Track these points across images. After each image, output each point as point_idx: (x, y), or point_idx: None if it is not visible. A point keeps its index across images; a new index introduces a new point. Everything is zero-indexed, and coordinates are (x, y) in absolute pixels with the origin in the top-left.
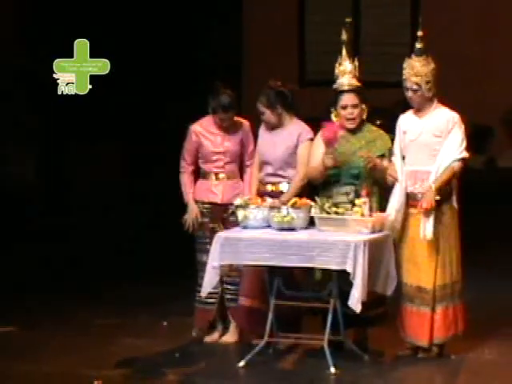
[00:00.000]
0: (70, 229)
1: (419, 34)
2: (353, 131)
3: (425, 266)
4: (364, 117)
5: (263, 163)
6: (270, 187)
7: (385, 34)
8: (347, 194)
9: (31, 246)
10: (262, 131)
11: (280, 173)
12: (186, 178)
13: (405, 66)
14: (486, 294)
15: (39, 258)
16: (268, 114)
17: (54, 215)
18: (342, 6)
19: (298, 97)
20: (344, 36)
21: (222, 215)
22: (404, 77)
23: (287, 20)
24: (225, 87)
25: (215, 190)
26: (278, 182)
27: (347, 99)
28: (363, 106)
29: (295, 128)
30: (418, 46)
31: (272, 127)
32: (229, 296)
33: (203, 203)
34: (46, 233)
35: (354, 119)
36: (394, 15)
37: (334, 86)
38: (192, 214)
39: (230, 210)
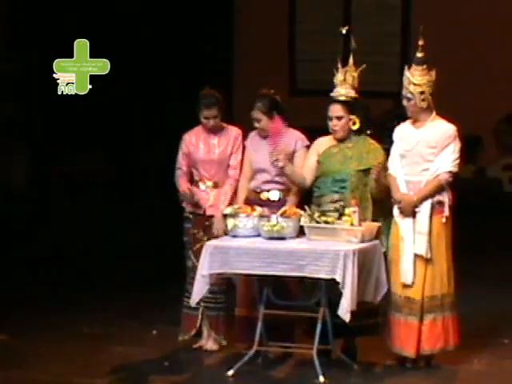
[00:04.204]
0: (58, 237)
1: (420, 43)
2: (346, 140)
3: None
4: (354, 127)
5: (258, 171)
6: (266, 195)
7: (375, 43)
8: (334, 202)
9: (18, 254)
10: (255, 140)
11: (277, 179)
12: (181, 179)
13: (404, 73)
14: (476, 305)
15: (26, 266)
16: (264, 121)
17: (41, 222)
18: (333, 15)
19: (288, 106)
20: (354, 45)
21: (204, 223)
22: (403, 84)
23: (277, 30)
24: (211, 88)
25: (201, 201)
26: (273, 189)
27: (332, 110)
28: (351, 117)
29: (291, 135)
30: (419, 55)
31: (266, 135)
32: (206, 304)
33: (189, 211)
34: (34, 240)
35: (336, 130)
36: (384, 25)
37: (332, 93)
38: (190, 201)
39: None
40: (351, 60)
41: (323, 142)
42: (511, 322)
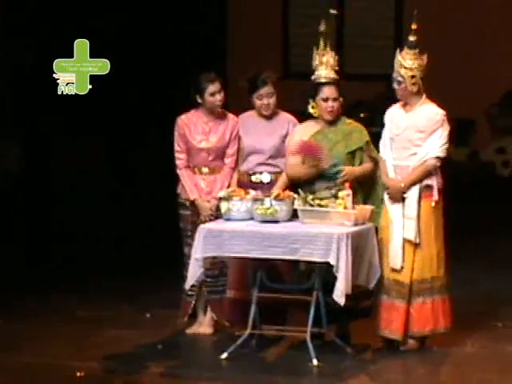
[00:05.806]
0: (54, 223)
1: (413, 26)
2: (330, 124)
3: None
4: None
5: (251, 153)
6: (258, 177)
7: (368, 27)
8: (329, 188)
9: (15, 240)
10: (247, 121)
11: (270, 161)
12: (186, 174)
13: (396, 56)
14: (469, 288)
15: (22, 251)
16: (274, 100)
17: (37, 208)
18: None
19: (281, 89)
20: (322, 27)
21: None
22: (394, 67)
23: (270, 13)
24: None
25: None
26: (265, 171)
27: (329, 92)
28: (341, 99)
29: (284, 116)
30: (411, 38)
31: (265, 116)
32: (208, 289)
33: (185, 198)
34: (31, 226)
35: (333, 112)
36: (378, 8)
37: (313, 77)
38: (205, 211)
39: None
40: (327, 43)
41: (304, 131)
42: (505, 305)
